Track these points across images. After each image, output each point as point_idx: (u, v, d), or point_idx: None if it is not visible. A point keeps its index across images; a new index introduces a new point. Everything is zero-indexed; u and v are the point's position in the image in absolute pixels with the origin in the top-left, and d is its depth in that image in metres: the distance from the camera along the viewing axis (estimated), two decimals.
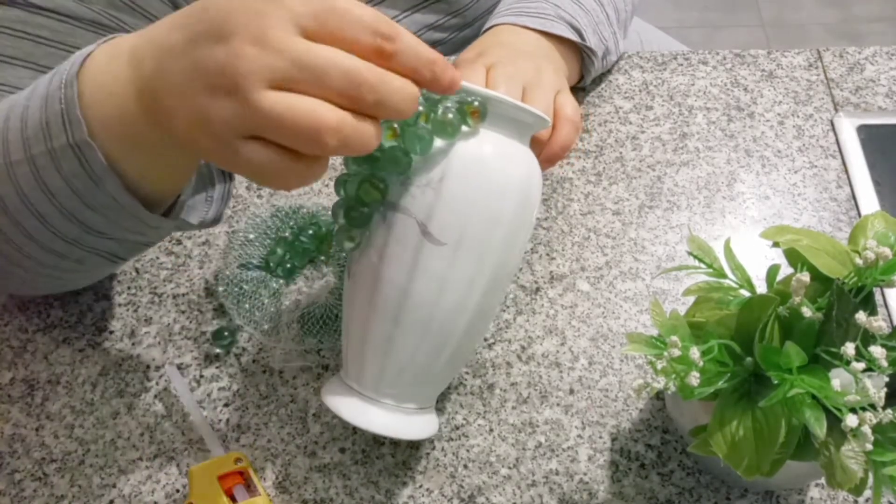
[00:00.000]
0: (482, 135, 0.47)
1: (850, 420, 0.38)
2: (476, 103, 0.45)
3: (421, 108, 0.46)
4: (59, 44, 0.57)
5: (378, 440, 0.56)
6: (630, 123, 0.73)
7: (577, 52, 0.68)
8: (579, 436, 0.56)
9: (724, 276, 0.48)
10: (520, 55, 0.61)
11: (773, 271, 0.46)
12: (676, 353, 0.41)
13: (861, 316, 0.39)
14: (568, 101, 0.59)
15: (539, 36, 0.65)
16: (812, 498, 0.53)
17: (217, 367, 0.60)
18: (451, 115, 0.45)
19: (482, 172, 0.46)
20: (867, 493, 0.52)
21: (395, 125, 0.45)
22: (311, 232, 0.65)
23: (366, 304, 0.48)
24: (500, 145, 0.47)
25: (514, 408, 0.58)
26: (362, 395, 0.49)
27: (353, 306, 0.49)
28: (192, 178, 0.52)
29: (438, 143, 0.45)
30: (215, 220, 0.55)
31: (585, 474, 0.55)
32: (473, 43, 0.65)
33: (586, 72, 0.71)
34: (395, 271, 0.46)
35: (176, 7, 0.63)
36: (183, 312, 0.63)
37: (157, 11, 0.61)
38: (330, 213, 0.66)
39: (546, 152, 0.57)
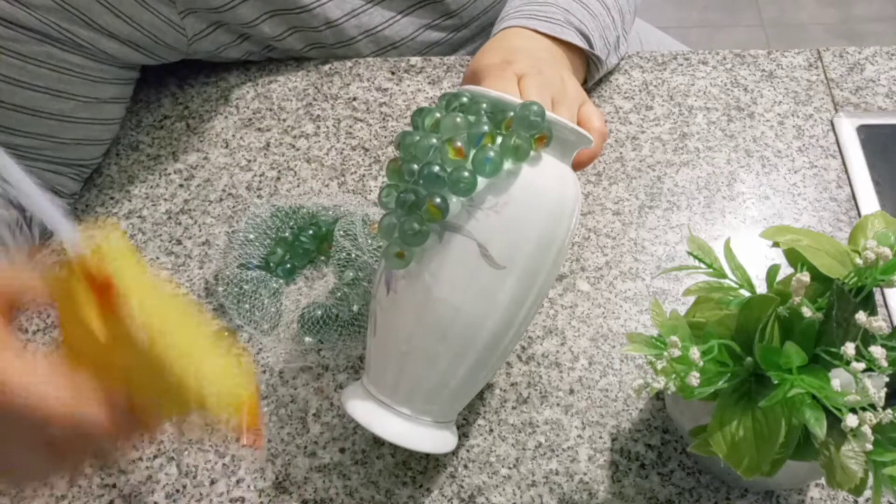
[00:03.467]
0: (543, 159, 0.47)
1: (850, 420, 0.38)
2: (545, 130, 0.45)
3: (486, 129, 0.45)
4: (1, 49, 0.57)
5: (377, 440, 0.56)
6: (630, 123, 0.73)
7: (584, 56, 0.68)
8: (579, 436, 0.56)
9: (724, 276, 0.48)
10: (543, 64, 0.60)
11: (773, 271, 0.46)
12: (676, 353, 0.41)
13: (861, 316, 0.39)
14: (595, 113, 0.58)
15: (550, 41, 0.65)
16: (812, 498, 0.53)
17: None
18: (521, 141, 0.44)
19: (544, 196, 0.46)
20: (867, 493, 0.52)
21: (461, 144, 0.44)
22: (311, 232, 0.65)
23: (411, 320, 0.47)
24: (557, 169, 0.48)
25: (514, 408, 0.58)
26: (396, 410, 0.49)
27: (393, 321, 0.48)
28: None
29: (504, 166, 0.45)
30: None
31: (585, 474, 0.55)
32: (488, 45, 0.64)
33: (590, 76, 0.71)
34: (449, 291, 0.46)
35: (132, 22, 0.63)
36: None
37: (115, 29, 0.62)
38: (327, 212, 0.66)
39: (573, 161, 0.57)
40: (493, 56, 0.62)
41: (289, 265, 0.64)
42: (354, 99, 0.75)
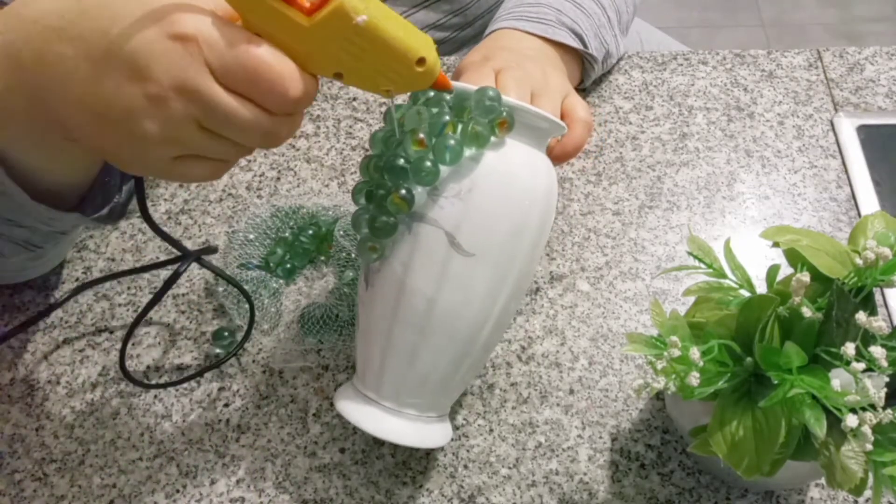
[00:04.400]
0: (508, 145, 0.47)
1: (850, 420, 0.38)
2: (504, 114, 0.45)
3: (448, 119, 0.45)
4: None
5: (378, 440, 0.56)
6: (630, 123, 0.73)
7: (578, 56, 0.68)
8: (579, 436, 0.56)
9: (724, 276, 0.47)
10: (525, 59, 0.61)
11: (773, 271, 0.46)
12: (676, 353, 0.41)
13: (861, 316, 0.39)
14: (578, 103, 0.59)
15: (541, 41, 0.65)
16: (812, 498, 0.53)
17: (217, 367, 0.60)
18: (480, 127, 0.45)
19: (510, 183, 0.46)
20: (867, 493, 0.52)
21: (422, 135, 0.44)
22: (311, 232, 0.65)
23: (389, 314, 0.47)
24: (524, 155, 0.48)
25: (514, 408, 0.58)
26: (381, 405, 0.49)
27: (372, 316, 0.49)
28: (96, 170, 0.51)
29: (466, 153, 0.45)
30: (119, 215, 0.54)
31: (585, 474, 0.55)
32: (476, 46, 0.65)
33: (586, 76, 0.71)
34: (421, 282, 0.46)
35: None
36: (183, 312, 0.63)
37: None
38: (327, 212, 0.66)
39: (557, 152, 0.57)
40: (476, 55, 0.62)
41: (289, 265, 0.64)
42: (354, 99, 0.75)
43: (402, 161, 0.45)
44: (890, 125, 0.71)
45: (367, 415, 0.49)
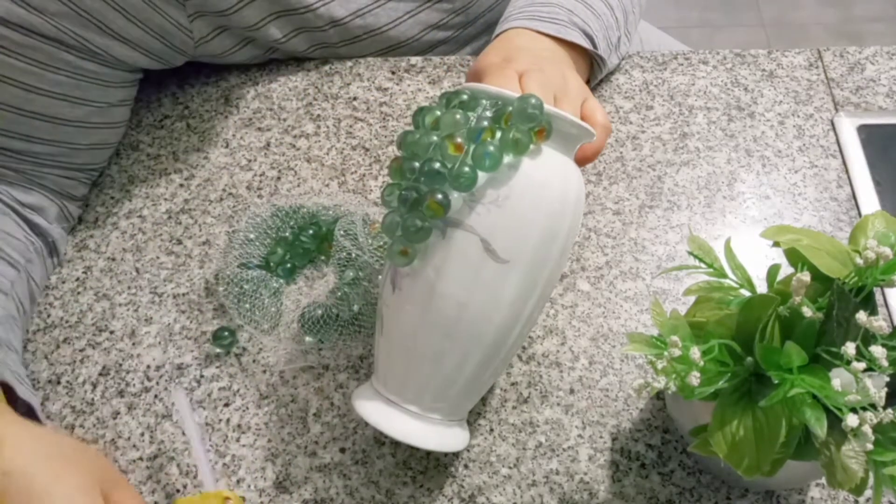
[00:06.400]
0: (544, 153, 0.47)
1: (851, 420, 0.38)
2: (544, 123, 0.45)
3: (486, 125, 0.45)
4: (20, 56, 0.58)
5: (378, 440, 0.56)
6: (630, 123, 0.73)
7: (587, 56, 0.68)
8: (579, 435, 0.56)
9: (725, 275, 0.47)
10: (544, 61, 0.60)
11: (773, 271, 0.46)
12: (677, 352, 0.41)
13: (861, 316, 0.39)
14: (597, 108, 0.59)
15: (554, 42, 0.65)
16: (812, 498, 0.53)
17: (217, 367, 0.60)
18: (520, 134, 0.45)
19: (546, 191, 0.46)
20: (868, 492, 0.52)
21: (460, 139, 0.44)
22: (311, 232, 0.65)
23: (416, 317, 0.47)
24: (559, 162, 0.48)
25: (514, 408, 0.58)
26: (405, 408, 0.49)
27: (398, 319, 0.48)
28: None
29: (504, 160, 0.45)
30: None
31: (586, 474, 0.55)
32: (491, 46, 0.64)
33: (593, 76, 0.71)
34: (453, 287, 0.46)
35: (150, 30, 0.64)
36: (183, 312, 0.63)
37: (127, 34, 0.62)
38: (327, 212, 0.66)
39: (578, 157, 0.56)
40: (495, 55, 0.62)
41: (289, 265, 0.64)
42: (355, 98, 0.75)
43: (438, 165, 0.45)
44: (890, 125, 0.71)
45: (389, 418, 0.48)
